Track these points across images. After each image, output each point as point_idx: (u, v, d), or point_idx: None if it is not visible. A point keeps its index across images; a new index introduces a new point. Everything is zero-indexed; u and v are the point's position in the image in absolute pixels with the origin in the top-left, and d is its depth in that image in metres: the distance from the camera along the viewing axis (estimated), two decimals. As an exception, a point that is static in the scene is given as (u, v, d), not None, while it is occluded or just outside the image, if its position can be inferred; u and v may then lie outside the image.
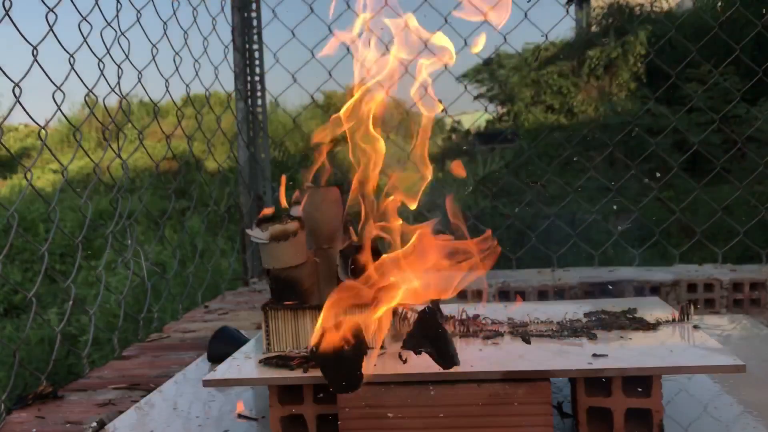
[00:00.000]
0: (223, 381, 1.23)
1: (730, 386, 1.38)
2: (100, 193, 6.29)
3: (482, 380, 1.10)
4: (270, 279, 1.32)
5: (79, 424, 1.46)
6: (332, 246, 1.37)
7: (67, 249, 5.43)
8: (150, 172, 6.37)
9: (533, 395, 1.08)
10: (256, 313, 2.42)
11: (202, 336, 2.17)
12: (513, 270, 2.70)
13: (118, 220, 2.21)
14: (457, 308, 1.45)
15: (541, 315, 1.44)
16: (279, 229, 1.27)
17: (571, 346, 1.22)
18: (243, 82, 3.08)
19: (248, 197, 3.11)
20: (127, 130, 2.74)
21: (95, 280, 4.04)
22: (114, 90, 2.21)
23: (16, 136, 10.91)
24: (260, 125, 3.16)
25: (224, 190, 4.30)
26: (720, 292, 2.38)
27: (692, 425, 1.21)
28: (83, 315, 3.44)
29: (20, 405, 1.59)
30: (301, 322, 1.29)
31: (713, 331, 1.78)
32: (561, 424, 1.24)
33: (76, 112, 9.18)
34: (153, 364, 1.91)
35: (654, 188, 3.01)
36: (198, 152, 6.71)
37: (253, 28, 3.10)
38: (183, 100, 2.82)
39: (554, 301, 2.31)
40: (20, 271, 5.35)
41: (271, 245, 1.27)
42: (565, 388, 1.37)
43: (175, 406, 1.48)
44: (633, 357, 1.14)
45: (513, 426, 1.09)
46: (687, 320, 1.37)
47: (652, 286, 2.38)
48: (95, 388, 1.71)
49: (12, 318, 4.39)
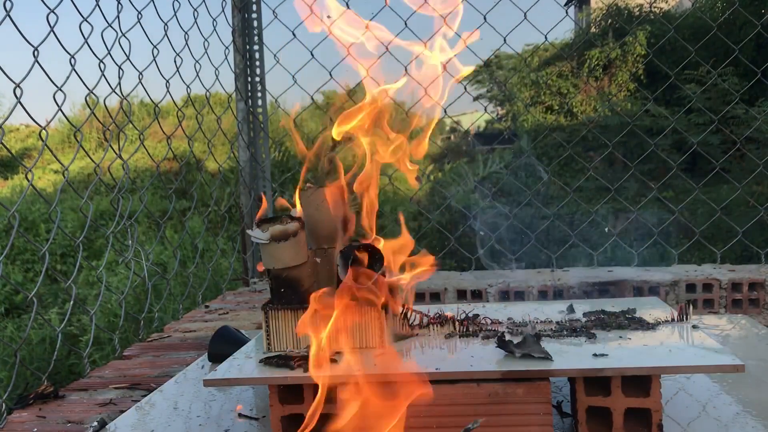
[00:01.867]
0: (224, 381, 1.23)
1: (729, 386, 1.38)
2: (100, 193, 6.30)
3: (482, 380, 1.10)
4: (270, 279, 1.33)
5: (80, 423, 1.47)
6: (332, 246, 1.37)
7: (68, 249, 5.43)
8: (151, 173, 6.38)
9: (533, 395, 1.09)
10: (256, 313, 2.42)
11: (202, 336, 2.18)
12: (513, 270, 2.71)
13: (118, 220, 2.22)
14: (456, 308, 1.46)
15: (540, 315, 1.45)
16: (279, 230, 1.28)
17: (571, 346, 1.22)
18: (243, 82, 3.09)
19: (248, 197, 3.11)
20: (127, 131, 2.75)
21: (96, 280, 4.04)
22: (115, 90, 2.21)
23: (17, 136, 10.92)
24: (260, 126, 3.16)
25: (225, 191, 4.31)
26: (719, 292, 2.38)
27: (691, 425, 1.21)
28: (84, 315, 3.45)
29: (21, 404, 1.59)
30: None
31: (712, 330, 1.78)
32: (560, 424, 1.25)
33: (77, 112, 9.19)
34: (154, 364, 1.91)
35: (653, 188, 3.02)
36: (198, 153, 6.71)
37: (254, 29, 3.10)
38: (183, 101, 2.82)
39: (553, 300, 2.31)
40: (21, 272, 5.35)
41: (272, 245, 1.28)
42: (565, 387, 1.38)
43: (175, 406, 1.48)
44: (632, 357, 1.15)
45: (513, 425, 1.09)
46: (686, 320, 1.37)
47: (651, 286, 2.38)
48: (96, 388, 1.72)
49: (13, 318, 4.39)
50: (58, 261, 5.43)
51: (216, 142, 3.00)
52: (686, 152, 3.49)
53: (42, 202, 5.89)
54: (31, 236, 5.63)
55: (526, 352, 1.15)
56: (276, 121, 5.91)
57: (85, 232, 2.11)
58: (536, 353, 1.14)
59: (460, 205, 3.65)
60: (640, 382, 1.11)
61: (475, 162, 6.14)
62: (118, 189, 2.25)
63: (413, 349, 1.27)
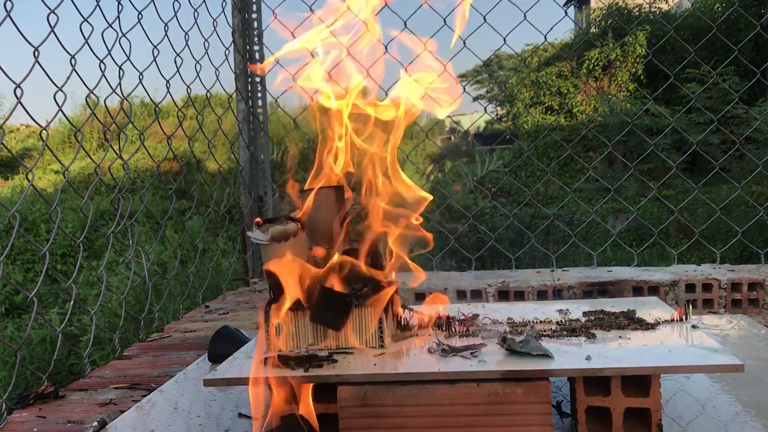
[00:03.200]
0: (224, 381, 1.23)
1: (729, 386, 1.38)
2: (101, 193, 6.31)
3: (482, 380, 1.11)
4: (270, 279, 1.33)
5: (80, 423, 1.47)
6: (332, 246, 1.38)
7: (69, 249, 5.44)
8: (151, 173, 6.38)
9: (532, 395, 1.09)
10: (256, 313, 2.42)
11: (202, 336, 2.18)
12: (512, 270, 2.71)
13: (119, 220, 2.22)
14: (456, 308, 1.46)
15: (540, 315, 1.45)
16: (279, 230, 1.28)
17: (570, 346, 1.23)
18: (244, 82, 3.09)
19: (249, 197, 3.12)
20: (128, 131, 2.76)
21: (96, 280, 4.04)
22: (115, 91, 2.21)
23: (17, 136, 10.93)
24: (260, 126, 3.16)
25: (225, 191, 4.31)
26: (718, 292, 2.39)
27: (691, 424, 1.21)
28: (84, 315, 3.45)
29: (22, 404, 1.60)
30: (301, 321, 1.29)
31: (711, 330, 1.78)
32: (560, 424, 1.25)
33: (78, 112, 9.20)
34: (154, 364, 1.91)
35: (653, 188, 3.02)
36: (199, 153, 6.72)
37: (254, 30, 3.11)
38: (184, 101, 2.83)
39: (553, 300, 2.31)
40: (22, 272, 5.36)
41: (272, 246, 1.28)
42: (565, 387, 1.38)
43: (175, 406, 1.48)
44: (632, 357, 1.15)
45: (512, 425, 1.10)
46: (685, 320, 1.37)
47: (650, 286, 2.38)
48: (96, 388, 1.72)
49: (13, 318, 4.40)
50: (59, 261, 5.43)
51: (216, 142, 3.00)
52: (686, 152, 3.48)
53: (42, 202, 5.89)
54: (32, 236, 5.63)
55: (527, 350, 1.15)
56: (276, 122, 5.92)
57: (85, 232, 2.11)
58: (537, 351, 1.15)
59: (460, 204, 3.65)
60: (639, 382, 1.11)
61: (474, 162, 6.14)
62: (119, 189, 2.25)
63: (413, 348, 1.28)
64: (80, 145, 2.02)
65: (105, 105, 2.30)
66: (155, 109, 2.55)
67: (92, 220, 2.08)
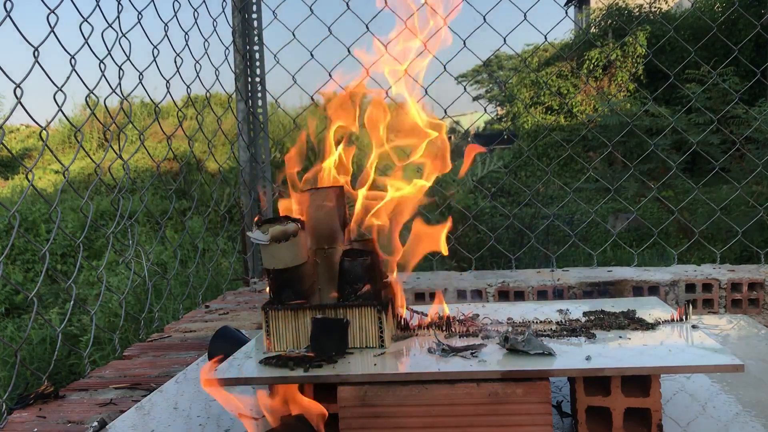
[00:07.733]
0: (224, 380, 1.23)
1: (729, 386, 1.38)
2: (101, 193, 6.31)
3: (481, 380, 1.11)
4: (270, 279, 1.33)
5: (80, 423, 1.47)
6: (332, 246, 1.38)
7: (69, 249, 5.43)
8: (151, 173, 6.38)
9: (532, 395, 1.09)
10: (256, 313, 2.42)
11: (202, 336, 2.18)
12: (512, 270, 2.71)
13: (119, 220, 2.22)
14: (456, 308, 1.46)
15: (540, 315, 1.45)
16: (279, 231, 1.28)
17: (570, 346, 1.22)
18: (243, 83, 3.09)
19: (249, 198, 3.12)
20: (128, 131, 2.76)
21: (96, 280, 4.04)
22: (115, 91, 2.21)
23: (17, 136, 10.94)
24: (261, 126, 3.16)
25: (225, 191, 4.32)
26: (718, 292, 2.39)
27: (691, 424, 1.21)
28: (84, 315, 3.45)
29: (22, 404, 1.60)
30: (301, 321, 1.29)
31: (712, 330, 1.78)
32: (560, 424, 1.25)
33: (78, 112, 9.20)
34: (154, 364, 1.91)
35: (653, 188, 3.02)
36: (199, 153, 6.72)
37: (254, 30, 3.11)
38: (184, 101, 2.83)
39: (553, 300, 2.31)
40: (22, 272, 5.36)
41: (272, 246, 1.28)
42: (565, 387, 1.38)
43: (176, 406, 1.48)
44: (632, 357, 1.15)
45: (512, 425, 1.10)
46: (685, 320, 1.37)
47: (650, 286, 2.38)
48: (96, 388, 1.72)
49: (13, 318, 4.40)
50: (59, 261, 5.43)
51: (216, 142, 3.00)
52: (686, 152, 3.48)
53: (42, 203, 5.89)
54: (32, 236, 5.63)
55: (529, 349, 1.15)
56: (276, 122, 5.91)
57: (85, 232, 2.11)
58: (539, 350, 1.15)
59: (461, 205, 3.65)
60: (639, 382, 1.11)
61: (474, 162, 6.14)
62: (119, 189, 2.25)
63: (413, 348, 1.28)
64: (80, 145, 2.02)
65: (105, 105, 2.30)
66: (155, 109, 2.55)
67: (92, 220, 2.08)
